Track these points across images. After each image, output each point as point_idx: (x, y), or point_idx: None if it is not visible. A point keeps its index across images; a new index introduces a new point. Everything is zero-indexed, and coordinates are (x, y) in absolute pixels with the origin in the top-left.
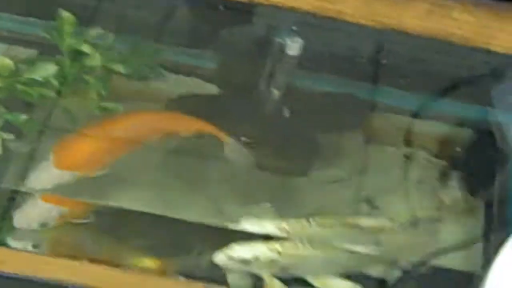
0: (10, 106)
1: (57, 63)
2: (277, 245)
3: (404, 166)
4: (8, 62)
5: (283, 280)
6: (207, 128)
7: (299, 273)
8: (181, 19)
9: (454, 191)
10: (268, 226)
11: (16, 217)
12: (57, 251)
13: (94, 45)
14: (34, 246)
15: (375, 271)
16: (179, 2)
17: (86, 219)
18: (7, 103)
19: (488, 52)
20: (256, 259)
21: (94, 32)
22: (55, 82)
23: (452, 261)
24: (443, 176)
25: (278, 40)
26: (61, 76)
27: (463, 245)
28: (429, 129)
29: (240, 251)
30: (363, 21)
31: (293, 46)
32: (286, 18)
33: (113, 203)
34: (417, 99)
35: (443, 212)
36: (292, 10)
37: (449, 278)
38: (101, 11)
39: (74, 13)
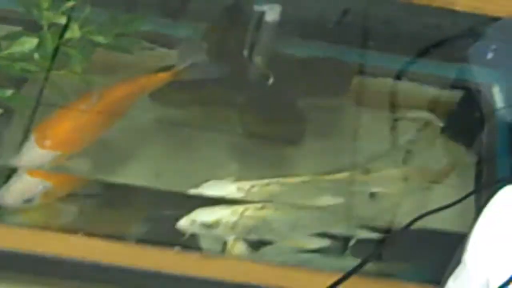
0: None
1: (38, 37)
2: (240, 208)
3: (394, 130)
4: None
5: (252, 243)
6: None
7: (266, 236)
8: None
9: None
10: (228, 188)
11: (0, 193)
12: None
13: (72, 18)
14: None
15: (342, 229)
16: None
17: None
18: None
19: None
20: (218, 222)
21: (71, 4)
22: (37, 56)
23: (443, 222)
24: (433, 138)
25: (256, 7)
26: (43, 50)
27: (451, 205)
28: (414, 91)
29: (203, 215)
30: None
31: (272, 13)
32: None
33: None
34: (399, 61)
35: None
36: None
37: (438, 239)
38: None
39: None
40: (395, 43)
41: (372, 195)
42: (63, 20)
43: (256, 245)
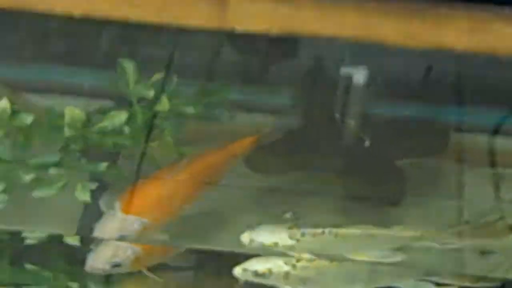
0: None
1: (128, 111)
2: (293, 259)
3: (497, 187)
4: (78, 112)
5: None
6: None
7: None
8: (229, 56)
9: None
10: (280, 234)
11: (89, 259)
12: None
13: (160, 90)
14: None
15: (404, 285)
16: (224, 40)
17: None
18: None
19: None
20: (270, 272)
21: (157, 77)
22: (128, 130)
23: None
24: None
25: (343, 70)
26: (134, 123)
27: None
28: None
29: (256, 264)
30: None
31: (360, 75)
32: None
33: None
34: (494, 116)
35: None
36: (332, 38)
37: None
38: (156, 56)
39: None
40: (487, 98)
41: (483, 252)
42: (151, 93)
43: None
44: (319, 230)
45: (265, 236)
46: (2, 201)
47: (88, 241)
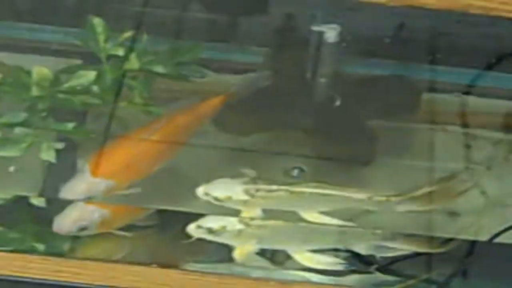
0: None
1: (97, 70)
2: (247, 217)
3: (469, 147)
4: (46, 71)
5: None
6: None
7: (276, 246)
8: (199, 14)
9: None
10: (235, 188)
11: (56, 221)
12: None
13: (129, 48)
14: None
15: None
16: None
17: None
18: (56, 114)
19: None
20: (223, 229)
21: (127, 35)
22: (97, 89)
23: None
24: (509, 153)
25: (314, 27)
26: (103, 82)
27: None
28: (486, 106)
29: (210, 221)
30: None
31: (331, 33)
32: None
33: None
34: (467, 76)
35: None
36: None
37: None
38: (126, 14)
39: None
40: (458, 57)
41: (452, 213)
42: (120, 52)
43: (272, 256)
44: (274, 187)
45: (220, 190)
46: None
47: (53, 203)
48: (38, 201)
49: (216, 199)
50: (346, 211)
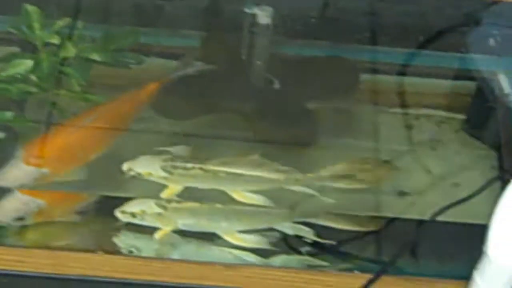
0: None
1: (33, 58)
2: (162, 201)
3: (412, 128)
4: None
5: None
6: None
7: (198, 228)
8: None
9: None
10: (154, 165)
11: None
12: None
13: (65, 36)
14: None
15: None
16: None
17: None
18: None
19: None
20: (143, 213)
21: (62, 22)
22: (33, 78)
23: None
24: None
25: (247, 10)
26: (39, 70)
27: (471, 196)
28: (425, 85)
29: (132, 206)
30: None
31: (264, 14)
32: None
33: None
34: (402, 55)
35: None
36: None
37: (466, 233)
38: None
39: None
40: (397, 36)
41: (400, 193)
42: (56, 39)
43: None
44: (189, 165)
45: (142, 166)
46: None
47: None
48: None
49: (139, 174)
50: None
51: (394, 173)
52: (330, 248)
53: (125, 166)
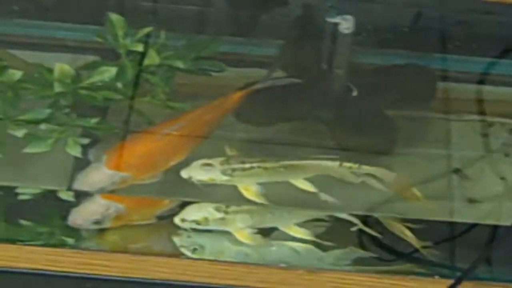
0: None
1: (117, 66)
2: (222, 205)
3: (487, 136)
4: (67, 68)
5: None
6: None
7: (264, 225)
8: (221, 9)
9: None
10: (214, 171)
11: (71, 214)
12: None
13: (148, 44)
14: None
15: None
16: None
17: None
18: (78, 110)
19: None
20: (207, 219)
21: (145, 31)
22: (119, 84)
23: None
24: None
25: (329, 19)
26: (124, 78)
27: None
28: (502, 94)
29: (191, 213)
30: None
31: (346, 24)
32: None
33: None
34: (482, 64)
35: None
36: None
37: None
38: (146, 10)
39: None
40: (474, 45)
41: (471, 200)
42: (140, 48)
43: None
44: (247, 165)
45: (200, 174)
46: None
47: (81, 197)
48: (67, 195)
49: (201, 181)
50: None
51: (466, 181)
52: (407, 255)
53: (184, 174)
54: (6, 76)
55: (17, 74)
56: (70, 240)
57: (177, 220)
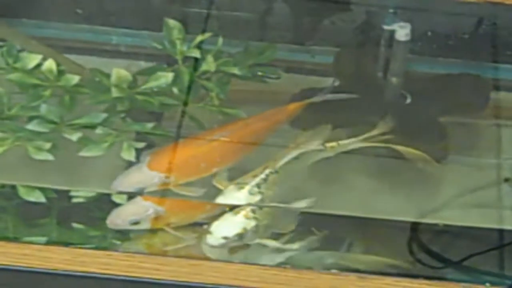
0: (136, 116)
1: (174, 71)
2: (248, 213)
3: None
4: (125, 73)
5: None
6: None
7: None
8: (280, 15)
9: None
10: (240, 194)
11: (111, 215)
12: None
13: (205, 50)
14: None
15: None
16: None
17: None
18: (133, 114)
19: None
20: (245, 230)
21: (202, 37)
22: (175, 90)
23: None
24: None
25: (386, 26)
26: (179, 83)
27: None
28: None
29: (227, 229)
30: None
31: (403, 31)
32: (381, 3)
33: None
34: None
35: None
36: None
37: None
38: (203, 16)
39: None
40: None
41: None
42: (196, 54)
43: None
44: (261, 177)
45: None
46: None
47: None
48: (120, 199)
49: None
50: None
51: None
52: (457, 262)
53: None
54: (64, 81)
55: (74, 79)
56: (122, 244)
57: (210, 239)
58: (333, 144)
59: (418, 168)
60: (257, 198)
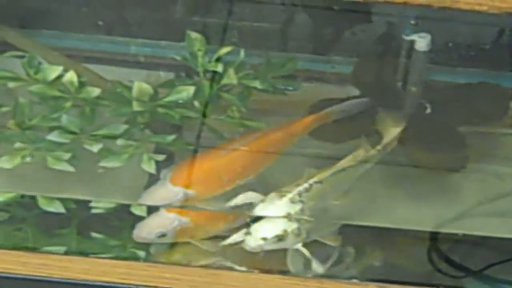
0: (155, 128)
1: (195, 84)
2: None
3: None
4: (146, 86)
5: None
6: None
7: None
8: (301, 25)
9: None
10: (283, 205)
11: (136, 228)
12: None
13: (226, 63)
14: None
15: None
16: (295, 9)
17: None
18: (153, 126)
19: None
20: (286, 232)
21: (224, 50)
22: (196, 103)
23: None
24: None
25: (405, 36)
26: (200, 96)
27: None
28: None
29: (268, 230)
30: (477, 7)
31: (422, 41)
32: (402, 14)
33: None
34: None
35: None
36: (405, 4)
37: None
38: (222, 26)
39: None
40: None
41: None
42: (219, 68)
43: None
44: (304, 187)
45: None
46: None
47: (154, 212)
48: (140, 210)
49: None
50: None
51: None
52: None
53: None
54: (85, 93)
55: (95, 91)
56: (142, 253)
57: (249, 239)
58: (370, 154)
59: (438, 177)
60: (298, 207)
